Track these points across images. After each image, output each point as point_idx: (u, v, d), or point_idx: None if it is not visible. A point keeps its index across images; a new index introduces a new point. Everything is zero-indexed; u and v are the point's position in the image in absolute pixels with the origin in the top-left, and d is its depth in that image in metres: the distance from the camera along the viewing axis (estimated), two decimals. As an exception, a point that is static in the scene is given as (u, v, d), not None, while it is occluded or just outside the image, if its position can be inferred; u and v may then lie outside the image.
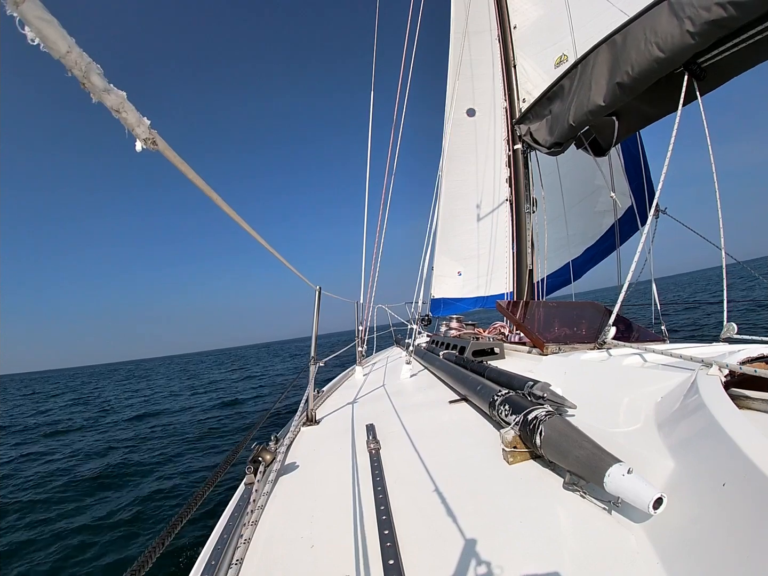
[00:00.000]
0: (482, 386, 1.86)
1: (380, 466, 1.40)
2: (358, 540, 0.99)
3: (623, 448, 1.11)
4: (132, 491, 5.44)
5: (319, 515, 1.16)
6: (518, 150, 4.24)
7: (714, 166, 2.44)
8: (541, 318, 3.22)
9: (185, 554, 3.56)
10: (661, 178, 2.39)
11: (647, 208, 4.42)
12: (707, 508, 0.78)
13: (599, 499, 0.97)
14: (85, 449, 8.15)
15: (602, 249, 6.21)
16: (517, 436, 1.29)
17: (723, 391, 1.09)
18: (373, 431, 1.78)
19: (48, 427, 11.90)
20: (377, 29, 6.06)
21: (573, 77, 3.23)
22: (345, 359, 5.35)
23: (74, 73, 0.46)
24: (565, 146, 3.65)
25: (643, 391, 1.40)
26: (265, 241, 1.26)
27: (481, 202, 6.38)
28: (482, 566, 0.83)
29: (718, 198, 2.39)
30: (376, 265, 5.68)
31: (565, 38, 3.69)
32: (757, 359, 1.36)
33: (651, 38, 2.51)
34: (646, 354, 1.82)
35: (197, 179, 0.75)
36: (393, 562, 0.85)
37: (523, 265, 4.34)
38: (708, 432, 0.95)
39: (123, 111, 0.53)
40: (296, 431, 2.02)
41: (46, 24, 0.41)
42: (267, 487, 1.34)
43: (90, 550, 3.97)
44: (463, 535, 0.94)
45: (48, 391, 30.70)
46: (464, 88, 5.94)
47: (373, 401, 2.60)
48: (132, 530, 4.31)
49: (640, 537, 0.84)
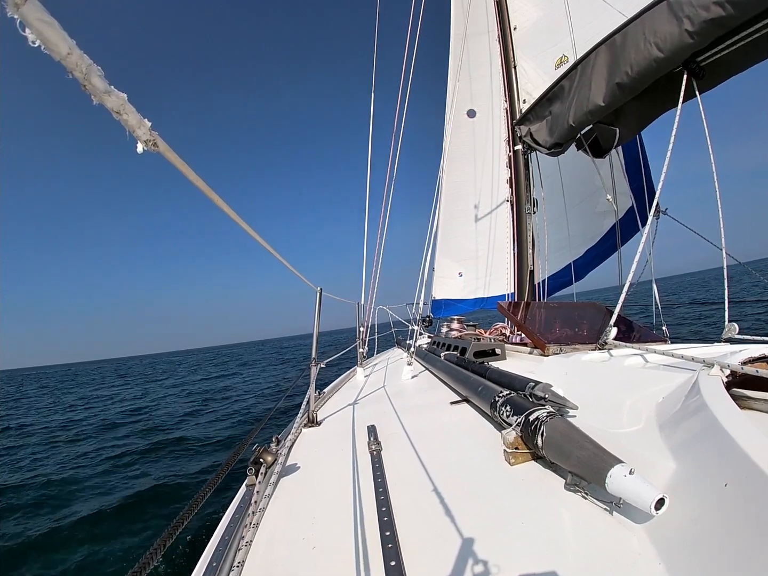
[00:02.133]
0: (483, 387, 1.86)
1: (381, 467, 1.40)
2: (359, 541, 0.99)
3: (625, 448, 1.10)
4: (132, 491, 5.44)
5: (321, 517, 1.16)
6: (519, 151, 4.24)
7: (714, 165, 2.44)
8: (542, 319, 3.22)
9: (187, 556, 3.56)
10: (662, 178, 2.39)
11: (648, 209, 4.42)
12: (709, 509, 0.78)
13: (601, 499, 0.97)
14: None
15: (603, 250, 6.20)
16: (518, 437, 1.29)
17: (725, 392, 1.09)
18: (375, 432, 1.78)
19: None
20: (377, 30, 6.07)
21: (573, 78, 3.24)
22: (346, 360, 5.35)
23: (75, 75, 0.46)
24: (566, 147, 3.66)
25: (645, 392, 1.40)
26: (266, 243, 1.26)
27: (481, 203, 6.39)
28: (483, 567, 0.82)
29: (718, 197, 2.39)
30: (377, 266, 5.69)
31: (565, 39, 3.70)
32: (759, 359, 1.36)
33: (650, 38, 2.52)
34: (648, 354, 1.81)
35: (198, 180, 0.75)
36: (394, 564, 0.85)
37: (524, 266, 4.34)
38: (710, 432, 0.95)
39: (124, 113, 0.53)
40: (297, 432, 2.02)
41: (47, 26, 0.42)
42: (268, 489, 1.34)
43: (90, 551, 3.97)
44: (464, 536, 0.94)
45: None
46: (464, 89, 5.94)
47: (375, 402, 2.60)
48: (131, 530, 4.31)
49: (642, 538, 0.84)
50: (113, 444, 8.39)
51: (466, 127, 6.24)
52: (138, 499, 5.16)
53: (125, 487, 5.69)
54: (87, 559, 3.86)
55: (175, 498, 5.11)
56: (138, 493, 5.37)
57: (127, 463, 6.88)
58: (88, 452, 7.88)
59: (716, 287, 28.92)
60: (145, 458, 7.05)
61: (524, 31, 4.36)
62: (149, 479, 5.89)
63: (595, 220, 6.13)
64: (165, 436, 8.63)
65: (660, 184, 2.43)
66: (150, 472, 6.21)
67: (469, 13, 5.25)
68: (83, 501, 5.35)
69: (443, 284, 6.82)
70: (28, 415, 14.86)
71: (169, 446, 7.68)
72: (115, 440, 8.75)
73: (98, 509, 4.92)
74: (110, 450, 7.86)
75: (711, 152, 2.47)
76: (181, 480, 5.70)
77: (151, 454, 7.25)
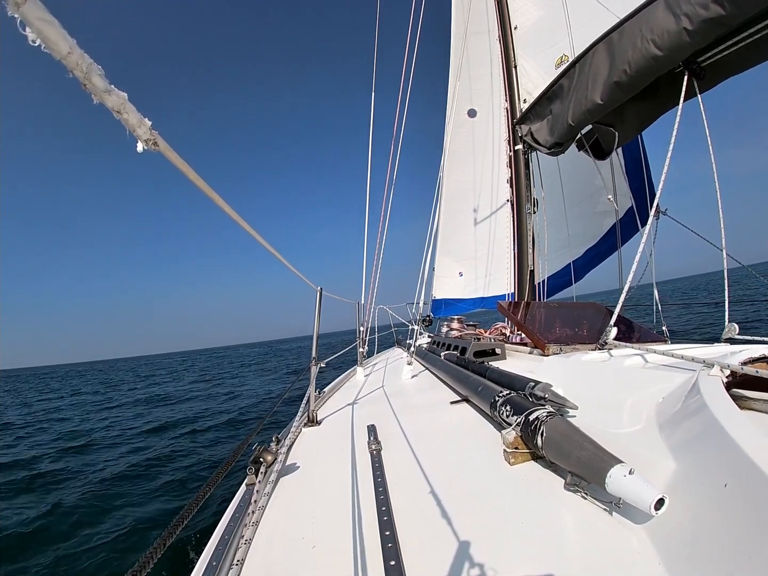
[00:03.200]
0: (483, 387, 1.86)
1: (381, 467, 1.40)
2: (359, 541, 0.99)
3: (625, 448, 1.10)
4: (130, 490, 5.45)
5: (321, 516, 1.16)
6: (519, 150, 4.23)
7: (714, 165, 2.44)
8: (542, 319, 3.22)
9: (186, 555, 3.56)
10: (662, 178, 2.39)
11: (648, 209, 4.42)
12: (709, 509, 0.78)
13: (601, 500, 0.97)
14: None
15: (603, 250, 6.20)
16: (518, 437, 1.29)
17: (724, 392, 1.09)
18: (374, 432, 1.78)
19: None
20: (378, 30, 6.07)
21: (571, 76, 3.23)
22: (346, 360, 5.35)
23: (75, 74, 0.46)
24: (566, 146, 3.65)
25: (645, 392, 1.40)
26: (266, 242, 1.26)
27: (481, 202, 6.38)
28: (483, 567, 0.82)
29: (719, 198, 2.39)
30: (377, 266, 5.69)
31: (566, 38, 3.69)
32: (759, 360, 1.36)
33: (647, 35, 2.49)
34: (648, 355, 1.81)
35: (198, 180, 0.75)
36: (394, 563, 0.85)
37: (524, 266, 4.34)
38: (709, 433, 0.95)
39: (124, 112, 0.53)
40: (297, 432, 2.02)
41: (48, 25, 0.41)
42: (268, 488, 1.34)
43: (91, 550, 3.97)
44: (463, 536, 0.94)
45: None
46: (465, 89, 5.94)
47: (375, 402, 2.60)
48: (131, 530, 4.31)
49: (642, 538, 0.84)
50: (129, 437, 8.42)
51: (466, 127, 6.23)
52: (139, 499, 5.17)
53: (125, 487, 5.70)
54: (90, 559, 3.86)
55: (176, 498, 5.12)
56: (138, 492, 5.39)
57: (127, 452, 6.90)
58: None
59: (719, 291, 28.92)
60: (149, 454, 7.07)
61: (525, 31, 4.35)
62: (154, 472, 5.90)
63: (595, 220, 6.13)
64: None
65: (660, 183, 2.42)
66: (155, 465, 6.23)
67: (469, 13, 5.24)
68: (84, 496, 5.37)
69: (443, 284, 6.82)
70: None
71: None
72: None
73: (98, 509, 4.94)
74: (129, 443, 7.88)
75: (711, 152, 2.46)
76: (182, 481, 5.72)
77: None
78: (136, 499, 5.19)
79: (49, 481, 6.22)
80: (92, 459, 7.33)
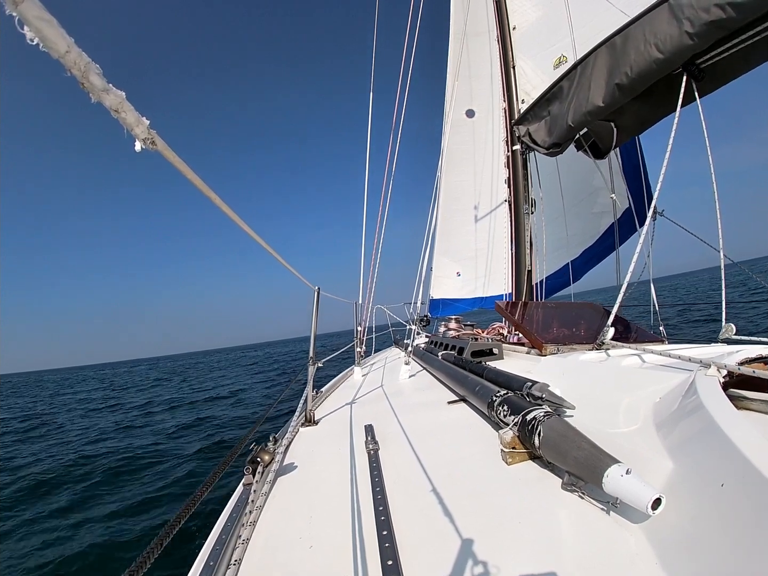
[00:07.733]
0: (481, 387, 1.87)
1: (379, 466, 1.40)
2: (356, 540, 0.99)
3: (622, 448, 1.11)
4: (129, 490, 5.43)
5: (318, 516, 1.16)
6: (517, 151, 4.24)
7: (712, 168, 2.45)
8: (539, 319, 3.23)
9: (183, 555, 3.55)
10: (660, 179, 2.40)
11: (645, 210, 4.43)
12: (706, 509, 0.79)
13: (598, 499, 0.97)
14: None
15: (601, 250, 6.22)
16: (515, 436, 1.29)
17: (721, 392, 1.09)
18: (372, 432, 1.78)
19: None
20: (376, 30, 6.06)
21: (572, 78, 3.24)
22: (343, 360, 5.35)
23: (73, 72, 0.46)
24: (564, 147, 3.66)
25: (642, 392, 1.41)
26: (264, 241, 1.26)
27: (480, 202, 6.39)
28: (481, 566, 0.83)
29: (717, 200, 2.39)
30: (375, 266, 5.69)
31: (564, 39, 3.69)
32: (756, 360, 1.36)
33: (650, 39, 2.52)
34: (645, 355, 1.82)
35: (196, 179, 0.75)
36: (392, 563, 0.85)
37: (522, 266, 4.35)
38: (706, 433, 0.95)
39: (122, 111, 0.53)
40: (295, 432, 2.02)
41: (45, 24, 0.41)
42: (265, 488, 1.33)
43: (90, 549, 3.96)
44: (461, 535, 0.94)
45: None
46: (463, 89, 5.94)
47: (372, 402, 2.60)
48: (131, 531, 4.29)
49: (639, 537, 0.84)
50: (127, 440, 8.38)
51: (465, 127, 6.23)
52: (139, 499, 5.16)
53: (124, 487, 5.68)
54: (88, 558, 3.85)
55: (173, 498, 5.11)
56: (138, 492, 5.37)
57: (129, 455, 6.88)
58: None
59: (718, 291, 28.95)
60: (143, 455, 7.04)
61: (523, 31, 4.35)
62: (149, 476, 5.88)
63: (593, 220, 6.15)
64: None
65: (658, 186, 2.43)
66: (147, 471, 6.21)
67: (468, 13, 5.24)
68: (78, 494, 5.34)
69: (441, 284, 6.82)
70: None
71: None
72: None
73: (96, 507, 4.91)
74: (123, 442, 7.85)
75: (710, 155, 2.47)
76: (179, 480, 5.70)
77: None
78: (133, 498, 5.17)
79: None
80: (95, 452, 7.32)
